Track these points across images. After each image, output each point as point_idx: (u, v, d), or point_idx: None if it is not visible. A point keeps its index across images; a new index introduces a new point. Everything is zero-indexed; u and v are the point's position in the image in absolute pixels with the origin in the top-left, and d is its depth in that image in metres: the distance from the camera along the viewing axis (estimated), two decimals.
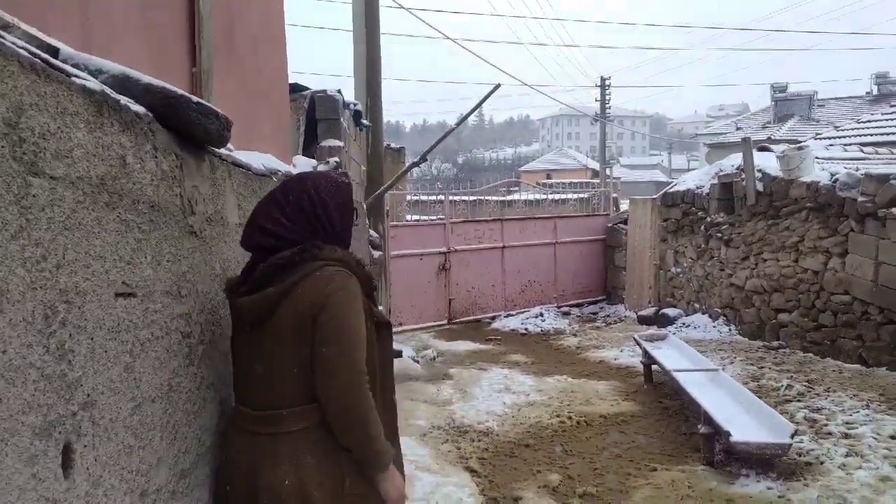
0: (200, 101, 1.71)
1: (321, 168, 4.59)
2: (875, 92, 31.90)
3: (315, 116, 6.38)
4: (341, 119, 6.42)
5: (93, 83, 1.29)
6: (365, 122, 8.58)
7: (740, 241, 9.17)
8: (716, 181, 9.85)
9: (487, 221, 11.82)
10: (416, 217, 13.37)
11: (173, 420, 1.58)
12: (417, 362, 8.65)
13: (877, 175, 6.97)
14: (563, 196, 14.24)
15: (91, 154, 1.24)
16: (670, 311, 10.42)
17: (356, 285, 1.78)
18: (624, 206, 13.70)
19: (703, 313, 9.98)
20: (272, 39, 4.49)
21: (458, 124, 9.02)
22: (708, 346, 8.67)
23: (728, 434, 4.28)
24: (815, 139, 13.82)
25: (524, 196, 15.98)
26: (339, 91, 6.51)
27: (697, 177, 10.57)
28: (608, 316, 12.25)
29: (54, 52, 1.40)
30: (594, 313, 12.62)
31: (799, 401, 6.07)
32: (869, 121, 16.06)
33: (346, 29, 9.38)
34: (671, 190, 10.88)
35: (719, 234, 9.59)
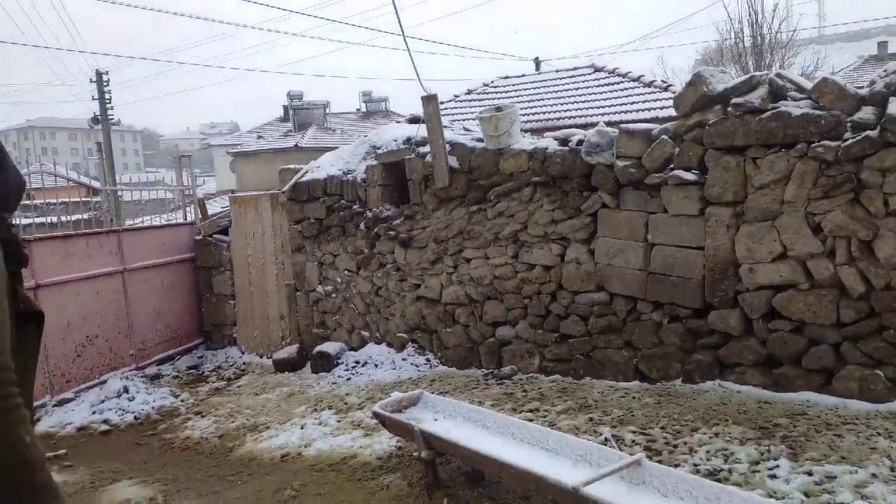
0: None
1: None
2: (364, 109, 36.04)
3: None
4: None
5: None
6: None
7: (427, 239, 6.77)
8: (374, 162, 7.23)
9: None
10: None
11: None
12: None
13: (640, 131, 5.38)
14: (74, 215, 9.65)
15: None
16: (329, 348, 7.38)
17: None
18: (214, 207, 9.96)
19: (379, 342, 7.27)
20: None
21: None
22: (411, 389, 5.99)
23: None
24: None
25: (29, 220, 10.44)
26: None
27: (339, 159, 7.75)
28: (220, 368, 8.46)
29: None
30: (195, 367, 8.64)
31: (675, 465, 3.89)
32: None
33: None
34: (304, 179, 7.79)
35: (391, 233, 7.01)
